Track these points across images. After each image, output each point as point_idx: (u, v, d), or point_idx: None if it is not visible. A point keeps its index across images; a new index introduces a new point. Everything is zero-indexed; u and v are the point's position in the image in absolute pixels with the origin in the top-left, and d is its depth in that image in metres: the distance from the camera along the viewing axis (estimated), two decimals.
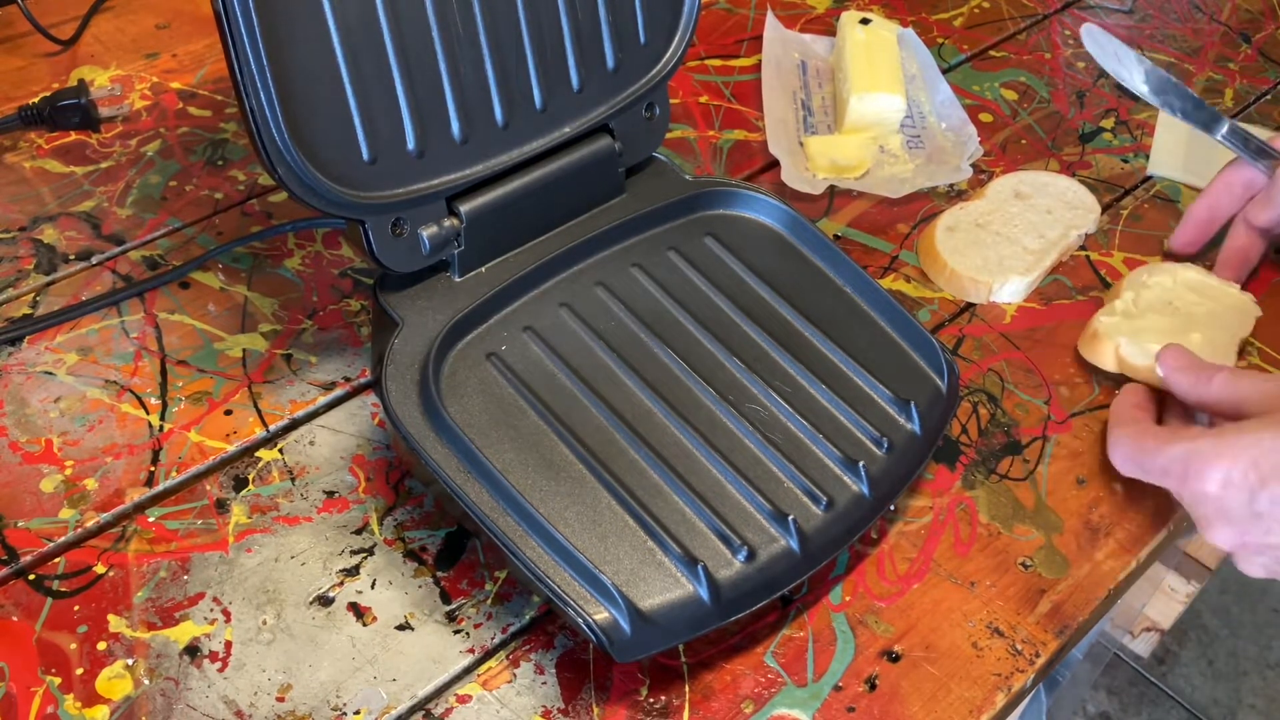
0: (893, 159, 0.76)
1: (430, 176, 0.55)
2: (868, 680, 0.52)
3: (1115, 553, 0.57)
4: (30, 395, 0.59)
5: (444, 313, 0.56)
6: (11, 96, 0.76)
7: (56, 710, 0.48)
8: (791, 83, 0.81)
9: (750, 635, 0.53)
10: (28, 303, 0.64)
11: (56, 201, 0.69)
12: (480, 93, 0.56)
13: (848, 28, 0.81)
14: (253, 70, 0.47)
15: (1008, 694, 0.52)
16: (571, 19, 0.58)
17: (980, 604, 0.55)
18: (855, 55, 0.78)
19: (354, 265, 0.67)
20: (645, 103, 0.62)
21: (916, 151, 0.76)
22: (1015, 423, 0.62)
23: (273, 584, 0.53)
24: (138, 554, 0.53)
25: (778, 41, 0.83)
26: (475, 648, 0.52)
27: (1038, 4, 0.93)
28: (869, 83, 0.76)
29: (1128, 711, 1.55)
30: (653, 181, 0.64)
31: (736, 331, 0.59)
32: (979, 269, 0.67)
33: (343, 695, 0.49)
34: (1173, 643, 1.60)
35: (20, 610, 0.51)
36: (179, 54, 0.80)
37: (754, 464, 0.53)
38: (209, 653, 0.50)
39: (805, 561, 0.51)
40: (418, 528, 0.56)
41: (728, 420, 0.55)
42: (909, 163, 0.75)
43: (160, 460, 0.57)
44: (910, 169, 0.75)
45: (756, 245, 0.62)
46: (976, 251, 0.68)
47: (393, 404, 0.52)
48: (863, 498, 0.53)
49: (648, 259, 0.61)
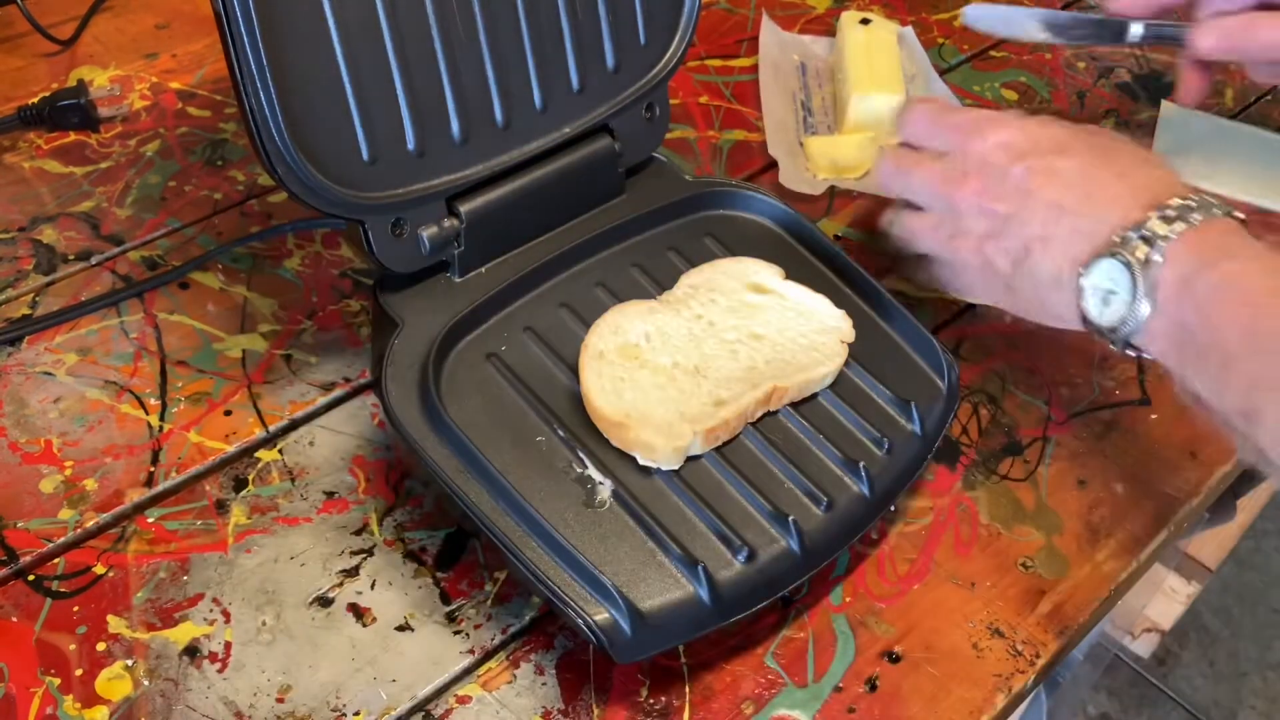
0: None
1: (430, 177, 0.55)
2: (868, 681, 0.52)
3: (1115, 553, 0.57)
4: (30, 396, 0.59)
5: (444, 313, 0.56)
6: (11, 96, 0.76)
7: (56, 711, 0.48)
8: (790, 84, 0.81)
9: (750, 636, 0.53)
10: (27, 303, 0.64)
11: (56, 202, 0.69)
12: (480, 93, 0.56)
13: (848, 28, 0.81)
14: (253, 70, 0.47)
15: (1008, 695, 0.52)
16: (571, 19, 0.58)
17: (981, 605, 0.55)
18: (855, 55, 0.78)
19: (354, 265, 0.67)
20: (645, 103, 0.62)
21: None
22: (1015, 423, 0.62)
23: (272, 585, 0.53)
24: (137, 554, 0.53)
25: (775, 45, 0.83)
26: (475, 648, 0.51)
27: (1038, 4, 0.93)
28: (869, 83, 0.75)
29: (1128, 712, 1.55)
30: (653, 182, 0.64)
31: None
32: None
33: (342, 696, 0.49)
34: (1173, 644, 1.60)
35: (20, 611, 0.51)
36: (178, 54, 0.80)
37: (754, 464, 0.53)
38: (209, 653, 0.50)
39: (805, 562, 0.51)
40: (417, 528, 0.55)
41: None
42: None
43: (160, 461, 0.57)
44: None
45: (756, 245, 0.62)
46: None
47: (393, 404, 0.52)
48: (863, 498, 0.53)
49: (648, 259, 0.61)
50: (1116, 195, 0.51)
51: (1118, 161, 0.53)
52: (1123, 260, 0.49)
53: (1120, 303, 0.49)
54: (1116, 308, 0.49)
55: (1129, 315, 0.49)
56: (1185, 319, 0.48)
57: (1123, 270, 0.49)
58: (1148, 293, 0.48)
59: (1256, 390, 0.46)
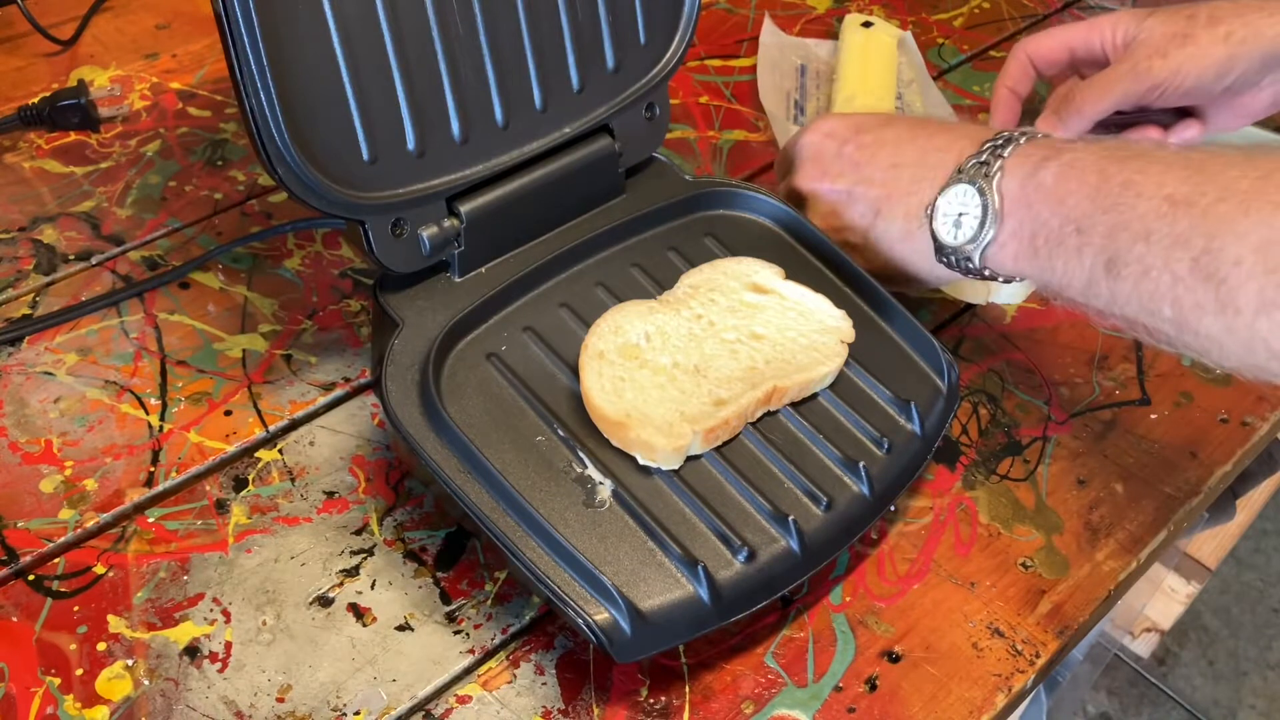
0: None
1: (430, 177, 0.55)
2: (868, 681, 0.52)
3: (1115, 553, 0.57)
4: (30, 396, 0.59)
5: (444, 313, 0.56)
6: (11, 96, 0.76)
7: (56, 711, 0.48)
8: (786, 84, 0.81)
9: (750, 636, 0.53)
10: (27, 303, 0.64)
11: (56, 202, 0.69)
12: (480, 93, 0.56)
13: (849, 31, 0.81)
14: (253, 70, 0.47)
15: (1008, 694, 0.52)
16: (571, 19, 0.58)
17: (980, 604, 0.55)
18: (851, 59, 0.78)
19: (354, 265, 0.67)
20: (645, 103, 0.62)
21: None
22: (1015, 423, 0.62)
23: (272, 584, 0.53)
24: (137, 554, 0.53)
25: (774, 45, 0.83)
26: (475, 648, 0.51)
27: (1038, 4, 0.93)
28: (857, 87, 0.75)
29: (1128, 712, 1.55)
30: (653, 181, 0.64)
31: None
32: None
33: (342, 696, 0.49)
34: (1173, 643, 1.60)
35: (20, 611, 0.51)
36: (179, 54, 0.80)
37: (754, 464, 0.53)
38: (209, 653, 0.50)
39: (805, 562, 0.51)
40: (418, 528, 0.55)
41: None
42: None
43: (160, 461, 0.57)
44: None
45: (756, 245, 0.62)
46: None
47: (393, 404, 0.52)
48: (863, 498, 0.53)
49: (648, 259, 0.61)
50: (946, 143, 0.57)
51: (935, 124, 0.60)
52: (967, 180, 0.54)
53: (972, 219, 0.54)
54: (968, 226, 0.54)
55: (983, 224, 0.53)
56: (1035, 209, 0.52)
57: (969, 188, 0.54)
58: (996, 201, 0.53)
59: (1114, 239, 0.48)
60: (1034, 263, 0.52)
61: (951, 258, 0.55)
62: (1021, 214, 0.52)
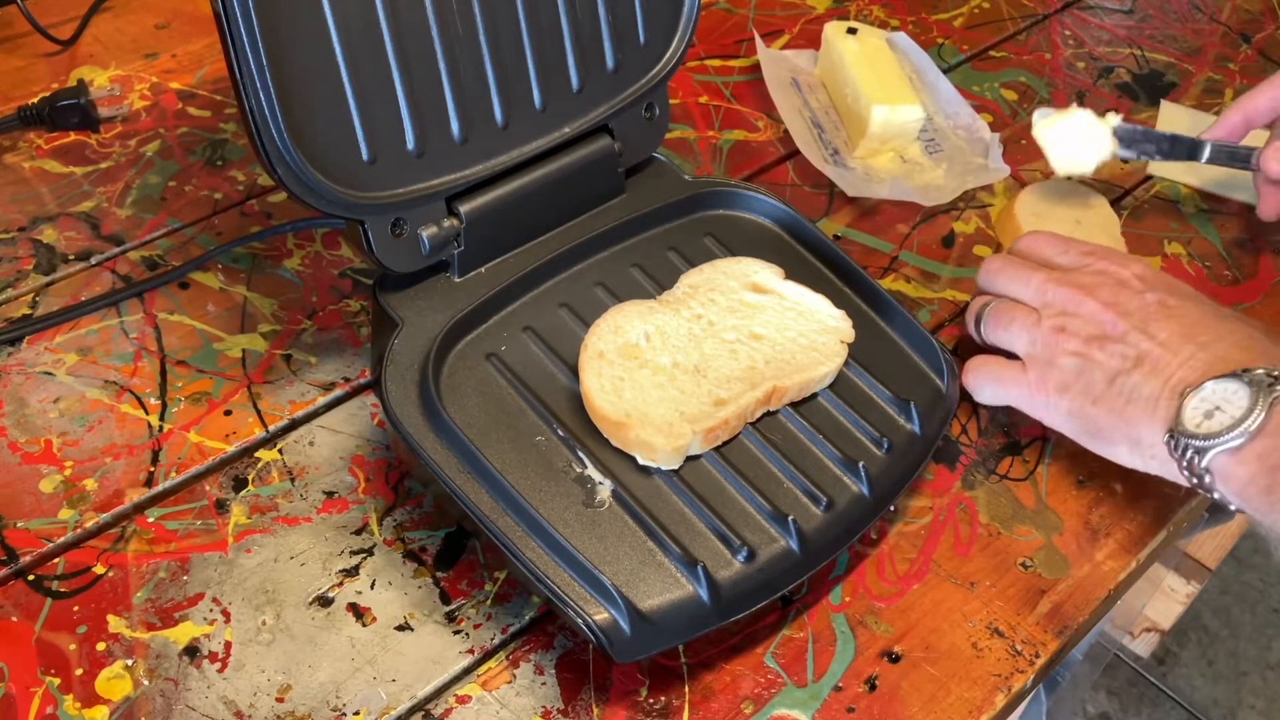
0: (919, 168, 0.75)
1: (430, 177, 0.55)
2: (867, 681, 0.52)
3: (1115, 553, 0.57)
4: (30, 395, 0.59)
5: (444, 313, 0.56)
6: (11, 96, 0.76)
7: (56, 711, 0.48)
8: (794, 100, 0.80)
9: (750, 636, 0.53)
10: (27, 303, 0.64)
11: (56, 202, 0.69)
12: (480, 93, 0.56)
13: (836, 39, 0.79)
14: (253, 70, 0.47)
15: (1007, 694, 0.52)
16: (571, 19, 0.58)
17: (980, 604, 0.55)
18: (858, 67, 0.77)
19: (354, 265, 0.67)
20: (645, 103, 0.62)
21: (938, 157, 0.76)
22: (1015, 423, 0.62)
23: (272, 584, 0.53)
24: (137, 554, 0.53)
25: (769, 63, 0.82)
26: (475, 648, 0.51)
27: (1037, 4, 0.93)
28: (884, 95, 0.74)
29: (1128, 712, 1.55)
30: (653, 181, 0.64)
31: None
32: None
33: (342, 696, 0.49)
34: (1173, 643, 1.60)
35: (20, 611, 0.51)
36: (178, 54, 0.80)
37: (753, 464, 0.53)
38: (208, 653, 0.50)
39: (805, 562, 0.51)
40: (417, 528, 0.55)
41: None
42: (936, 169, 0.75)
43: (160, 461, 0.57)
44: (941, 175, 0.75)
45: (756, 245, 0.62)
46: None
47: (392, 404, 0.52)
48: (863, 498, 0.53)
49: (647, 259, 0.61)
50: (1236, 343, 0.54)
51: (1232, 321, 0.56)
52: (1246, 382, 0.51)
53: (1226, 418, 0.51)
54: (1219, 421, 0.51)
55: (1234, 428, 0.50)
56: None
57: (1243, 389, 0.51)
58: (1262, 416, 0.50)
59: None
60: (1266, 497, 0.50)
61: (1179, 444, 0.52)
62: (1277, 442, 0.49)
